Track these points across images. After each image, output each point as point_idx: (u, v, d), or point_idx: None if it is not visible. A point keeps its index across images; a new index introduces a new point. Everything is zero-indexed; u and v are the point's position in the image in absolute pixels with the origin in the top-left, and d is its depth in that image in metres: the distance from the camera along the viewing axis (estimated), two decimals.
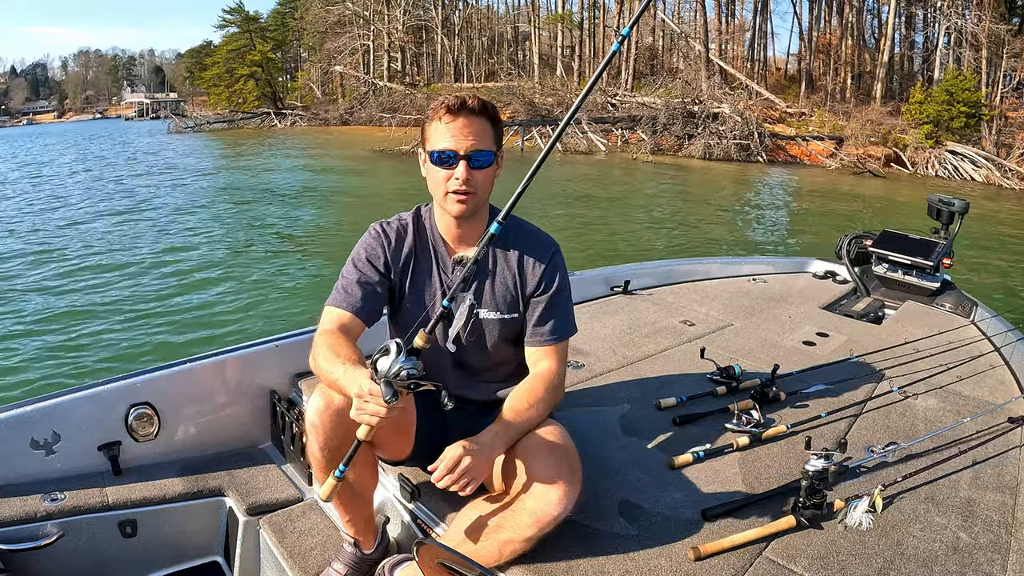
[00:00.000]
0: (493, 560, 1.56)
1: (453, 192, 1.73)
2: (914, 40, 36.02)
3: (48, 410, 2.18)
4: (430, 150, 1.74)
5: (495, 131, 1.77)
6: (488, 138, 1.74)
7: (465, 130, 1.70)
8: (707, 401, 2.51)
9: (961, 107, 25.71)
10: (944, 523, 1.80)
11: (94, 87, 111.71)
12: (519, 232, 1.89)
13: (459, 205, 1.74)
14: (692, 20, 40.62)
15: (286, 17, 56.66)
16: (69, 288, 8.64)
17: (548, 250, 1.88)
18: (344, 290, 1.80)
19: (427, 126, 1.76)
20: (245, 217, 14.10)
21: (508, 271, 1.86)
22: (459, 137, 1.70)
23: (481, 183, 1.75)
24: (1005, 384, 2.80)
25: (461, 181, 1.71)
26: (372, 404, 1.40)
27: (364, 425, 1.48)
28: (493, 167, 1.77)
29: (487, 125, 1.74)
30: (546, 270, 1.86)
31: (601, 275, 3.96)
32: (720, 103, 29.22)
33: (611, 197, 17.84)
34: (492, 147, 1.75)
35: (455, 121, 1.70)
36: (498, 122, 1.78)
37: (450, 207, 1.76)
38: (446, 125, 1.71)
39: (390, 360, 1.39)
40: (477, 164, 1.72)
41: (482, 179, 1.75)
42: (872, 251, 4.25)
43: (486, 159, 1.73)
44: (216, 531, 2.36)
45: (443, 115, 1.71)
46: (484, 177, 1.75)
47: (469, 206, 1.76)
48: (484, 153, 1.72)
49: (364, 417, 1.42)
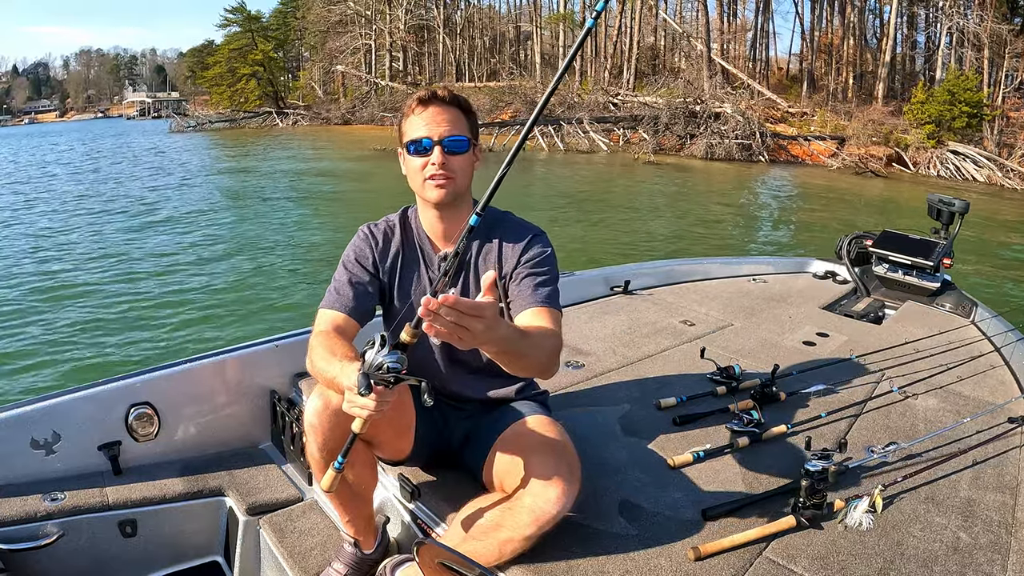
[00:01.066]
0: (493, 559, 1.56)
1: (430, 178, 1.75)
2: (916, 40, 35.96)
3: (48, 410, 2.18)
4: (406, 142, 1.78)
5: (468, 121, 1.79)
6: (461, 125, 1.77)
7: (438, 117, 1.74)
8: (707, 401, 2.51)
9: (963, 107, 25.70)
10: (944, 523, 1.79)
11: (96, 86, 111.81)
12: (502, 223, 1.89)
13: (438, 190, 1.76)
14: (694, 20, 40.60)
15: (288, 16, 56.72)
16: (69, 288, 8.66)
17: (528, 233, 1.86)
18: (336, 291, 1.82)
19: (403, 123, 1.80)
20: (245, 217, 14.11)
21: (490, 260, 1.87)
22: (432, 124, 1.73)
23: (459, 168, 1.76)
24: (1005, 384, 2.79)
25: (437, 165, 1.73)
26: (361, 397, 1.40)
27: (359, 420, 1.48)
28: (470, 155, 1.79)
29: (459, 114, 1.77)
30: (524, 246, 1.83)
31: (601, 275, 3.95)
32: (722, 103, 29.23)
33: (612, 197, 17.84)
34: (466, 134, 1.77)
35: (427, 110, 1.74)
36: (471, 113, 1.82)
37: (429, 193, 1.77)
38: (419, 116, 1.75)
39: (373, 353, 1.39)
40: (452, 149, 1.74)
41: (459, 165, 1.76)
42: (872, 251, 4.25)
43: (461, 145, 1.75)
44: (216, 531, 2.36)
45: (416, 107, 1.76)
46: (461, 163, 1.77)
47: (448, 190, 1.76)
48: (458, 139, 1.75)
49: (355, 410, 1.42)
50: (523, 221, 1.92)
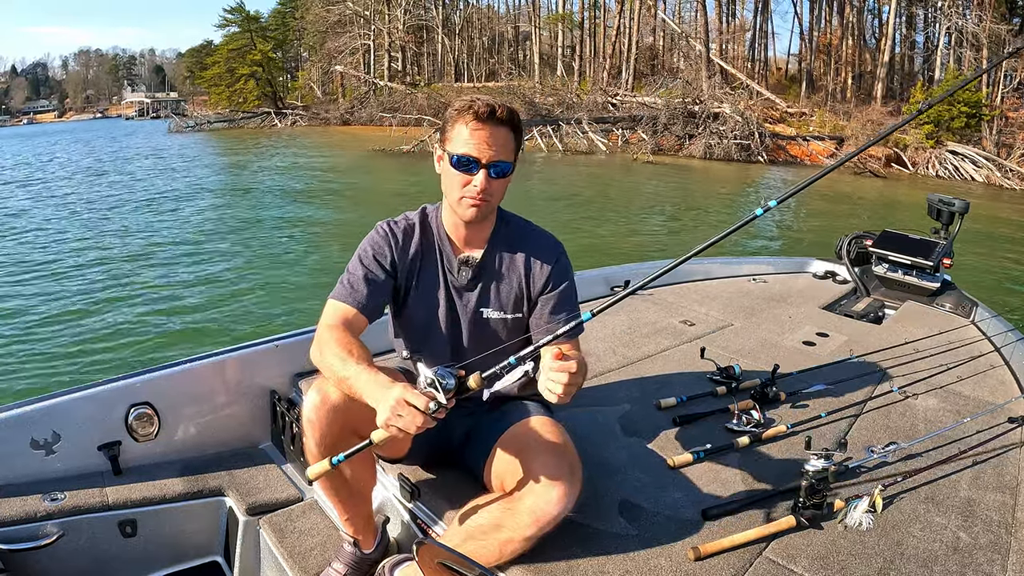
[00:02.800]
0: (493, 559, 1.56)
1: (469, 198, 1.74)
2: (915, 40, 35.99)
3: (48, 410, 2.18)
4: (451, 152, 1.73)
5: (516, 141, 1.77)
6: (510, 149, 1.75)
7: (490, 139, 1.70)
8: (707, 401, 2.51)
9: (962, 107, 25.68)
10: (944, 523, 1.79)
11: (95, 87, 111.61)
12: (524, 233, 1.91)
13: (473, 210, 1.76)
14: (692, 20, 40.64)
15: (287, 17, 56.65)
16: (68, 288, 8.65)
17: (555, 251, 1.90)
18: (350, 285, 1.80)
19: (450, 125, 1.74)
20: (244, 217, 14.09)
21: (515, 272, 1.88)
22: (483, 146, 1.69)
23: (496, 191, 1.76)
24: (1005, 384, 2.79)
25: (479, 189, 1.71)
26: (410, 416, 1.39)
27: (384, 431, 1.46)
28: (510, 176, 1.78)
29: (511, 135, 1.74)
30: (554, 270, 1.87)
31: (601, 275, 3.95)
32: (721, 103, 29.21)
33: (612, 197, 17.84)
34: (512, 157, 1.76)
35: (482, 129, 1.70)
36: (520, 131, 1.78)
37: (464, 212, 1.77)
38: (472, 131, 1.70)
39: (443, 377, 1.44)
40: (496, 174, 1.73)
41: (498, 188, 1.76)
42: (872, 251, 4.25)
43: (505, 169, 1.74)
44: (216, 531, 2.36)
45: (470, 120, 1.70)
46: (500, 186, 1.77)
47: (482, 211, 1.77)
48: (505, 164, 1.73)
49: (400, 423, 1.40)
50: (544, 232, 1.95)
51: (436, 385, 1.42)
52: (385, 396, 1.43)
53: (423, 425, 1.40)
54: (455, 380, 1.44)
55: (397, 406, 1.40)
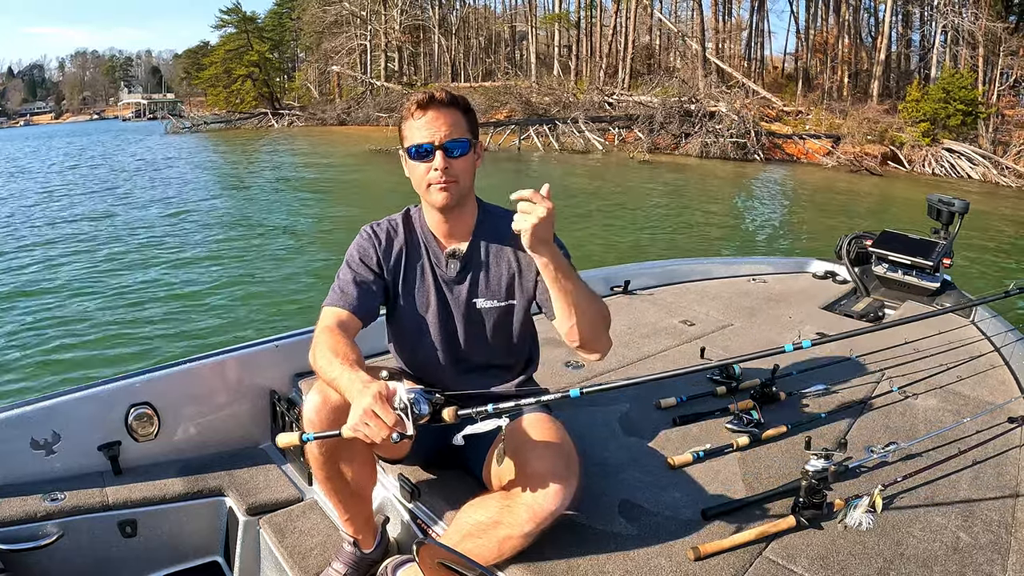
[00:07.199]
0: (493, 557, 1.56)
1: (435, 183, 1.75)
2: (911, 38, 36.12)
3: (48, 410, 2.18)
4: (408, 147, 1.77)
5: (468, 121, 1.79)
6: (462, 127, 1.76)
7: (437, 121, 1.73)
8: (707, 401, 2.51)
9: (958, 105, 25.76)
10: (944, 523, 1.80)
11: (91, 88, 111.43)
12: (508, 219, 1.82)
13: (442, 194, 1.76)
14: (689, 19, 40.71)
15: (283, 17, 56.68)
16: (68, 288, 8.62)
17: None
18: (340, 290, 1.82)
19: (403, 126, 1.79)
20: (242, 217, 14.06)
21: (503, 259, 1.89)
22: (433, 129, 1.72)
23: (461, 171, 1.77)
24: (1005, 384, 2.79)
25: (440, 171, 1.73)
26: (376, 428, 1.41)
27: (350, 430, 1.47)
28: (471, 155, 1.79)
29: (459, 115, 1.77)
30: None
31: (601, 275, 3.95)
32: (717, 102, 29.24)
33: (609, 196, 17.81)
34: (467, 135, 1.77)
35: (426, 115, 1.73)
36: (470, 111, 1.81)
37: (434, 198, 1.78)
38: (419, 120, 1.74)
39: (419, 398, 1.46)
40: (454, 153, 1.74)
41: (461, 167, 1.77)
42: (872, 251, 4.24)
43: (463, 147, 1.76)
44: (216, 531, 2.36)
45: (415, 111, 1.75)
46: (463, 165, 1.77)
47: (452, 194, 1.77)
48: (460, 141, 1.75)
49: (362, 431, 1.42)
50: None
51: (408, 412, 1.43)
52: (358, 400, 1.44)
53: (385, 443, 1.42)
54: (430, 408, 1.47)
55: (365, 415, 1.42)
